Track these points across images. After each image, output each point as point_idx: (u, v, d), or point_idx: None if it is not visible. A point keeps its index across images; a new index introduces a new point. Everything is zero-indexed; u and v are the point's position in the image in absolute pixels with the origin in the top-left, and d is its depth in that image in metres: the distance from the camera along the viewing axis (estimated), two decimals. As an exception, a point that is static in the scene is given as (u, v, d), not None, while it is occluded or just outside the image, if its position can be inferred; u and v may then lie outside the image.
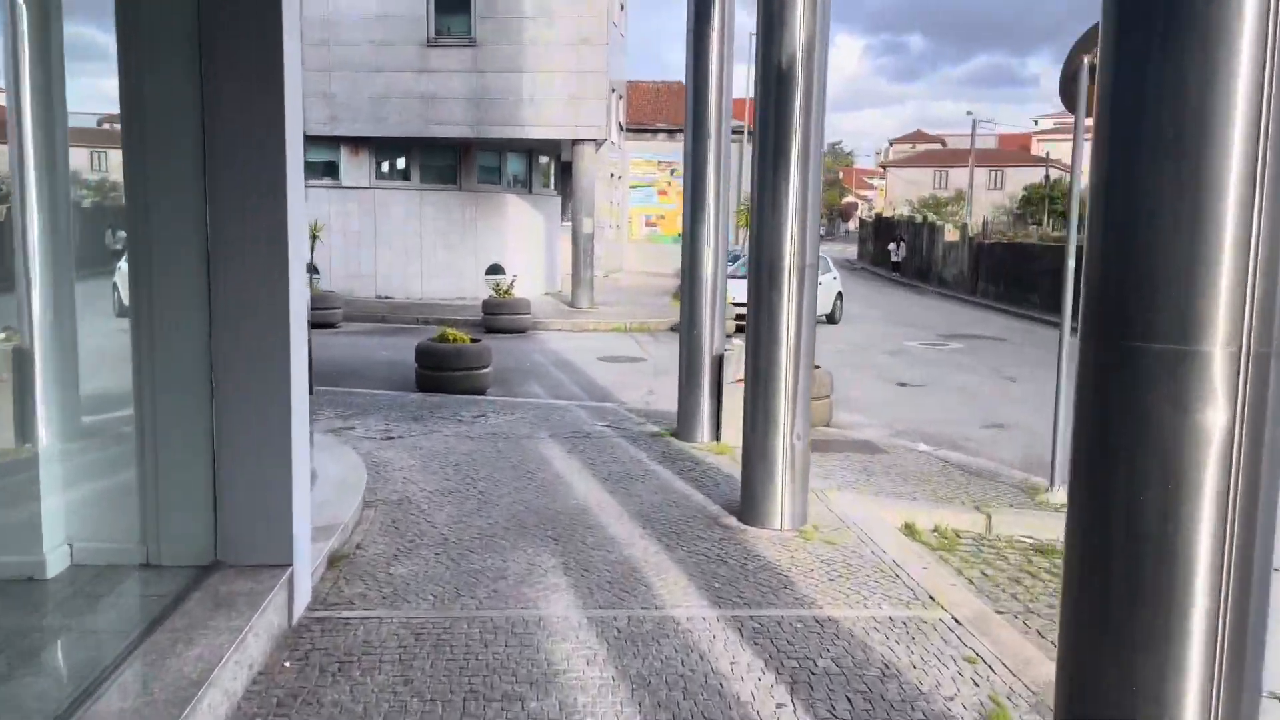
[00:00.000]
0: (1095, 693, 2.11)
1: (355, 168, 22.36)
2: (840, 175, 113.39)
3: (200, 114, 3.85)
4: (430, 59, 21.32)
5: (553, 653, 3.85)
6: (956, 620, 4.29)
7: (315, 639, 3.93)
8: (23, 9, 3.80)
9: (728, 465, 7.22)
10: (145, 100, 3.82)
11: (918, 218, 44.11)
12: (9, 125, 3.80)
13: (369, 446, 7.57)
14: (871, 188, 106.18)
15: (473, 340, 11.14)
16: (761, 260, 5.44)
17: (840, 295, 21.01)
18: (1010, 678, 3.78)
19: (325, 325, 17.77)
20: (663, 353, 15.40)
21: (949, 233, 34.65)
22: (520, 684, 3.57)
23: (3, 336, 4.03)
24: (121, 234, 4.03)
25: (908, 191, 74.50)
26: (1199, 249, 1.90)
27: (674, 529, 5.55)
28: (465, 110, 21.30)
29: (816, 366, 7.21)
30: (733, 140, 8.59)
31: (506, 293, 18.07)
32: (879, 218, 51.38)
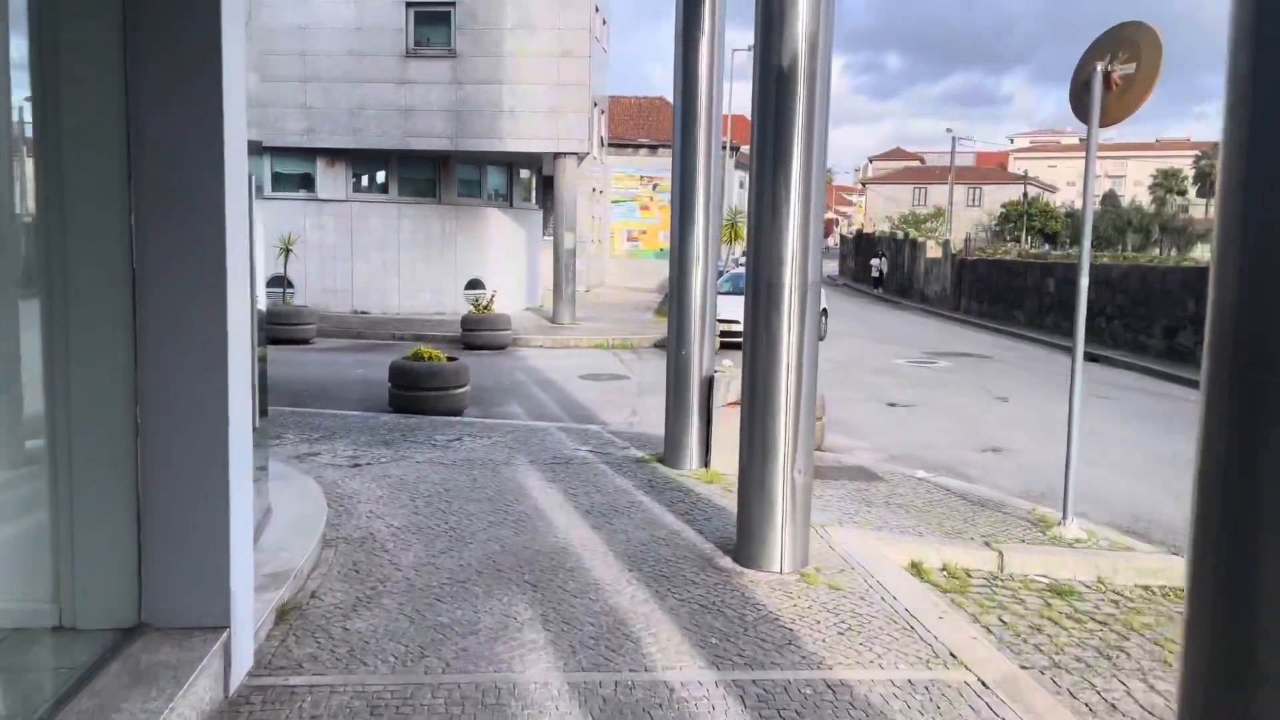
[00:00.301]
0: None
1: (332, 180, 21.82)
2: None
3: (124, 114, 3.36)
4: (409, 70, 20.87)
5: (529, 728, 3.35)
6: (984, 683, 3.82)
7: (255, 713, 3.41)
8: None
9: (719, 496, 6.74)
10: (61, 99, 3.32)
11: (899, 234, 44.02)
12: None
13: (334, 475, 7.03)
14: (851, 204, 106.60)
15: (449, 359, 10.64)
16: (759, 278, 4.98)
17: (825, 311, 20.65)
18: (1051, 755, 3.32)
19: (298, 341, 17.22)
20: (646, 370, 14.94)
21: (931, 249, 34.46)
22: (490, 770, 3.07)
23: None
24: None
25: (887, 208, 74.69)
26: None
27: (664, 571, 5.06)
28: (445, 122, 20.85)
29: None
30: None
31: (486, 308, 17.56)
32: (860, 234, 51.28)
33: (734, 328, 17.23)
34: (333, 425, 9.18)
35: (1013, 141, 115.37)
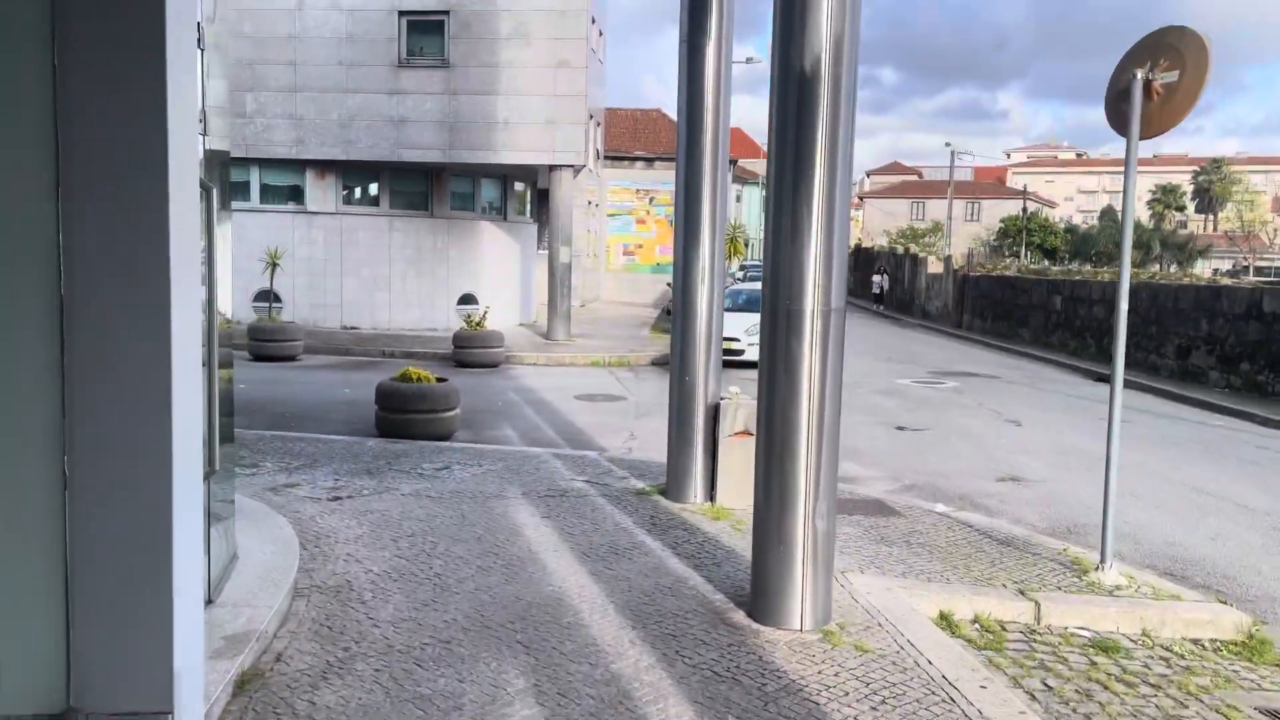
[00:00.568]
0: None
1: (322, 192, 21.34)
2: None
3: (53, 117, 2.88)
4: (402, 80, 20.43)
5: (519, 836, 2.85)
6: (1044, 774, 3.33)
7: (197, 817, 2.91)
8: None
9: (728, 536, 6.25)
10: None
11: (899, 249, 43.59)
12: None
13: (312, 511, 6.52)
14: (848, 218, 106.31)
15: (439, 380, 10.13)
16: (778, 301, 4.50)
17: (827, 329, 20.16)
18: None
19: (285, 358, 16.72)
20: (644, 390, 14.45)
21: (932, 264, 34.06)
22: None
23: None
24: None
25: (885, 222, 74.44)
26: None
27: (671, 629, 4.56)
28: (437, 134, 20.40)
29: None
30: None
31: (479, 325, 17.06)
32: (859, 248, 50.87)
33: (733, 345, 16.72)
34: (314, 452, 8.66)
35: (1009, 156, 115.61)
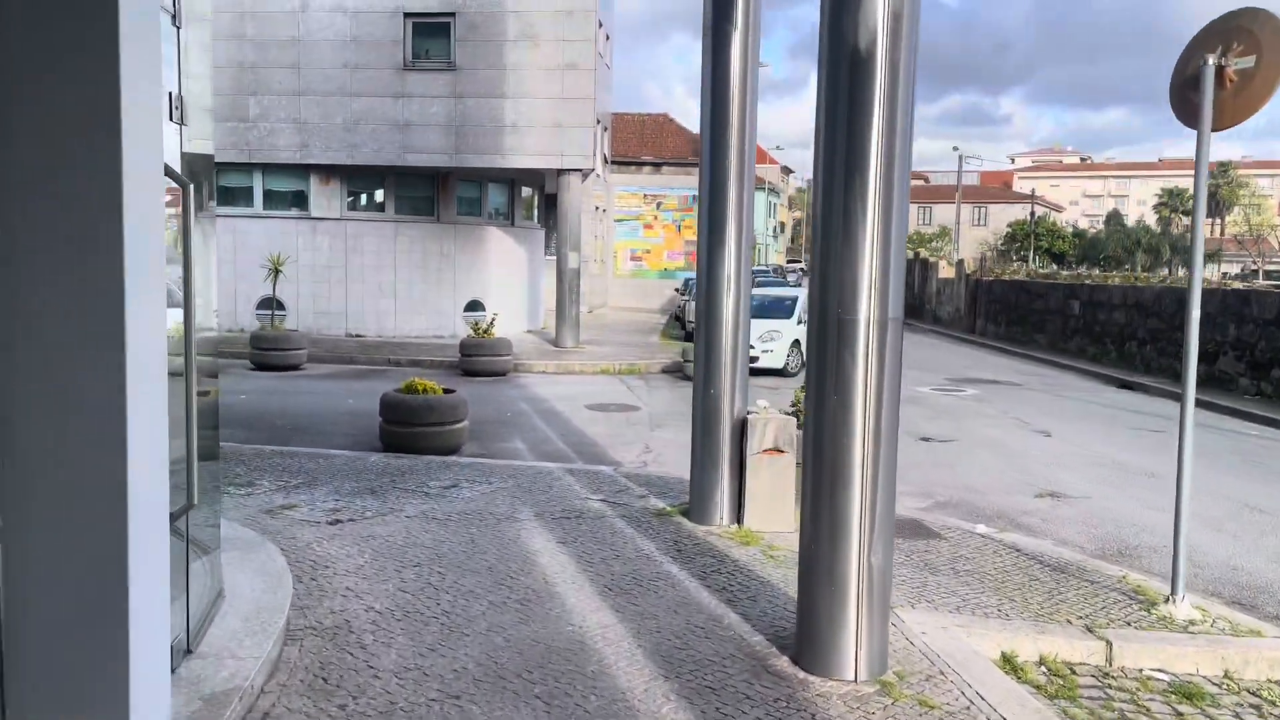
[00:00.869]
0: None
1: (326, 198, 20.92)
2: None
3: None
4: (407, 83, 20.01)
5: None
6: None
7: None
8: None
9: (760, 564, 5.74)
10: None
11: (909, 253, 43.07)
12: None
13: (309, 536, 6.04)
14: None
15: (446, 390, 9.66)
16: (827, 311, 4.01)
17: (842, 336, 19.68)
18: None
19: (288, 367, 16.28)
20: (657, 399, 13.97)
21: (943, 269, 33.55)
22: None
23: None
24: None
25: (892, 227, 73.67)
26: None
27: (708, 680, 4.06)
28: (444, 138, 19.97)
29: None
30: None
31: (486, 332, 16.58)
32: (867, 253, 50.19)
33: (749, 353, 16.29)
34: (315, 469, 8.18)
35: (1013, 161, 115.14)
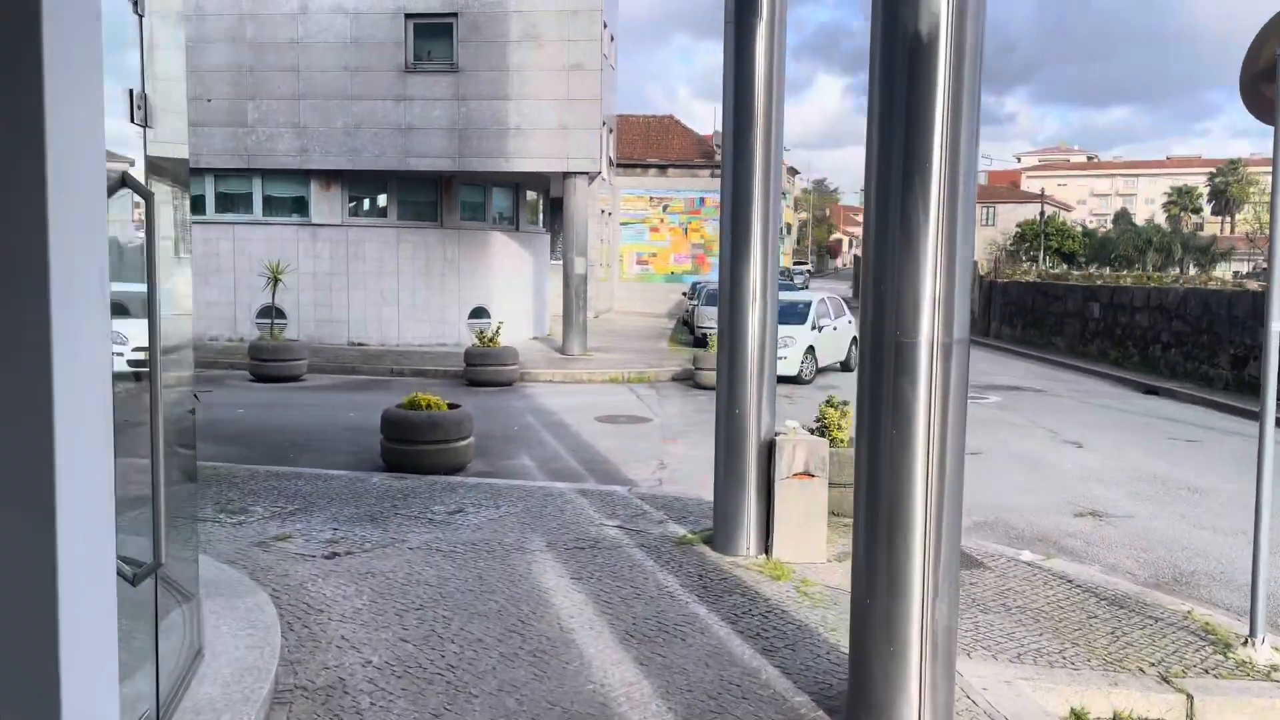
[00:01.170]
0: None
1: (326, 203, 20.48)
2: (828, 212, 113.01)
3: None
4: (409, 86, 19.57)
5: None
6: None
7: None
8: None
9: (794, 603, 5.26)
10: None
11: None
12: None
13: (304, 573, 5.57)
14: (858, 224, 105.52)
15: (450, 405, 9.19)
16: (882, 332, 3.53)
17: (855, 340, 19.22)
18: None
19: (288, 378, 15.83)
20: (668, 409, 13.50)
21: (955, 271, 32.97)
22: None
23: None
24: None
25: (899, 228, 73.08)
26: None
27: (749, 749, 3.59)
28: (446, 141, 19.52)
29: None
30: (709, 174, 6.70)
31: (491, 340, 16.12)
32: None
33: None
34: (312, 492, 7.72)
35: (1020, 160, 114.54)
